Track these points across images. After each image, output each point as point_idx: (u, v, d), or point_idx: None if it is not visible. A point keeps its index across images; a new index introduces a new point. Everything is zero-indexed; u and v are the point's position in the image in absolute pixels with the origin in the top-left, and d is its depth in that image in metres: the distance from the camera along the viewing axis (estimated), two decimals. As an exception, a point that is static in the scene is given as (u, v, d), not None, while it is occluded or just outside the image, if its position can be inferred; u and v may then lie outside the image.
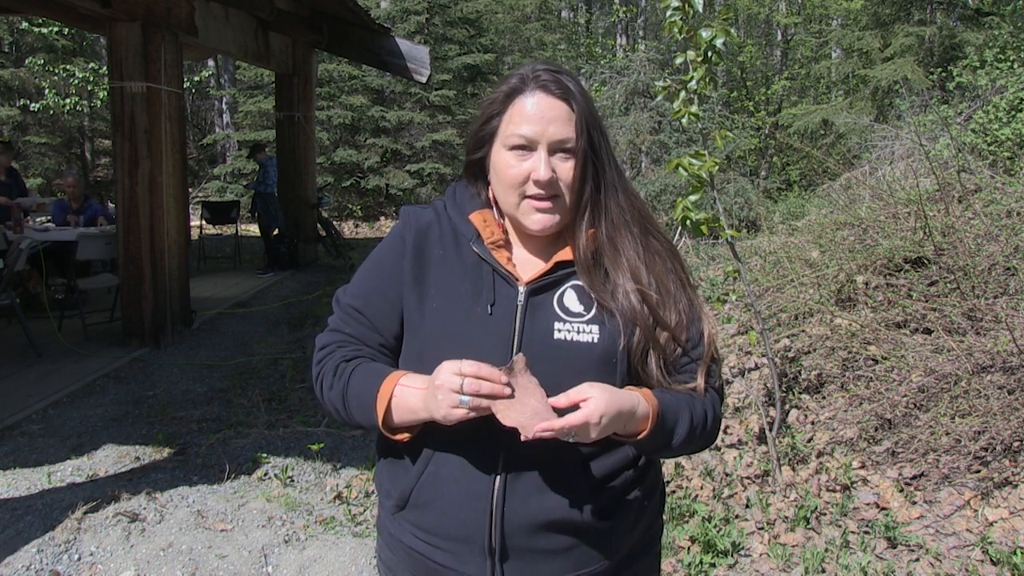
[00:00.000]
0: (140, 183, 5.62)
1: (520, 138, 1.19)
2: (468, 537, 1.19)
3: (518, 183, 1.20)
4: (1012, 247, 3.82)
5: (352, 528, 3.28)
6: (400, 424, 1.19)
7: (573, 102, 1.20)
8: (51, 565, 2.92)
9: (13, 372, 5.12)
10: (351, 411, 1.23)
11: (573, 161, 1.20)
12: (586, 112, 1.21)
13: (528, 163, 1.19)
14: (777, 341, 4.49)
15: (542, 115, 1.19)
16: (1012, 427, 3.02)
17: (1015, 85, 6.04)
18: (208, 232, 11.03)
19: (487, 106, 1.25)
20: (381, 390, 1.18)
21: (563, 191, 1.21)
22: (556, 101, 1.19)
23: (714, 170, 3.25)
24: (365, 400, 1.20)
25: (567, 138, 1.19)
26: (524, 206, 1.22)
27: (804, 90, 15.27)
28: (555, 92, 1.20)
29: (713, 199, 3.51)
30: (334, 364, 1.26)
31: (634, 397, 1.14)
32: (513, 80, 1.23)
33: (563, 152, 1.20)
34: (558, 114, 1.19)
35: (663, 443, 1.19)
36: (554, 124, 1.19)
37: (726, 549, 2.94)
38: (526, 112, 1.19)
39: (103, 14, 5.48)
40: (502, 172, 1.22)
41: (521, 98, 1.20)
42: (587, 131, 1.21)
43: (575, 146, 1.20)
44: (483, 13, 17.44)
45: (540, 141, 1.19)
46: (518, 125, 1.19)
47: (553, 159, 1.20)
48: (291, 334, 6.55)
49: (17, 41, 16.49)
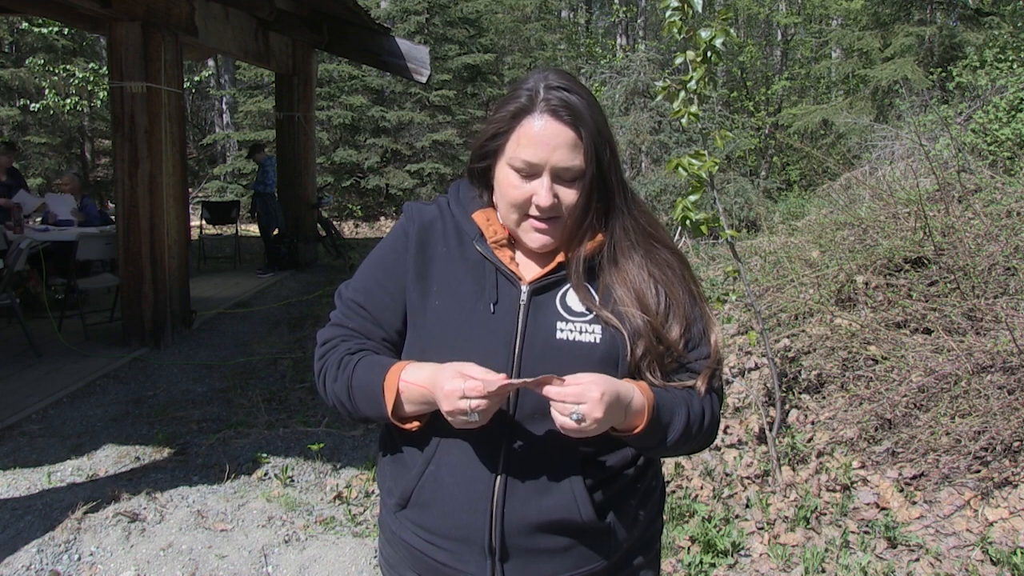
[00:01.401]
0: (140, 183, 5.62)
1: (524, 163, 1.17)
2: (468, 537, 1.20)
3: (519, 204, 1.20)
4: (1012, 247, 3.82)
5: (352, 528, 3.28)
6: (412, 412, 1.19)
7: (582, 128, 1.16)
8: (51, 565, 2.92)
9: (13, 372, 5.12)
10: (356, 403, 1.22)
11: (576, 187, 1.19)
12: (595, 135, 1.18)
13: (531, 186, 1.18)
14: (777, 341, 4.49)
15: (548, 141, 1.16)
16: (1012, 427, 3.02)
17: (1015, 85, 6.04)
18: (208, 232, 11.03)
19: (494, 122, 1.22)
20: (387, 380, 1.18)
21: (564, 214, 1.20)
22: (563, 128, 1.16)
23: (714, 170, 3.25)
24: (372, 391, 1.19)
25: (572, 166, 1.17)
26: (524, 226, 1.21)
27: (804, 90, 15.26)
28: (564, 118, 1.16)
29: (713, 199, 3.51)
30: (337, 358, 1.26)
31: (631, 387, 1.14)
32: (522, 98, 1.18)
33: (567, 179, 1.18)
34: (564, 140, 1.16)
35: (660, 439, 1.19)
36: (559, 151, 1.16)
37: (726, 549, 2.94)
38: (532, 135, 1.16)
39: (103, 14, 5.48)
40: (505, 190, 1.21)
41: (529, 119, 1.17)
42: (596, 157, 1.18)
43: (580, 174, 1.18)
44: (483, 13, 17.44)
45: (544, 167, 1.17)
46: (523, 148, 1.17)
47: (557, 185, 1.18)
48: (291, 334, 6.55)
49: (17, 41, 16.47)
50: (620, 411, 1.11)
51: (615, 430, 1.15)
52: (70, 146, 17.58)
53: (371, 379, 1.20)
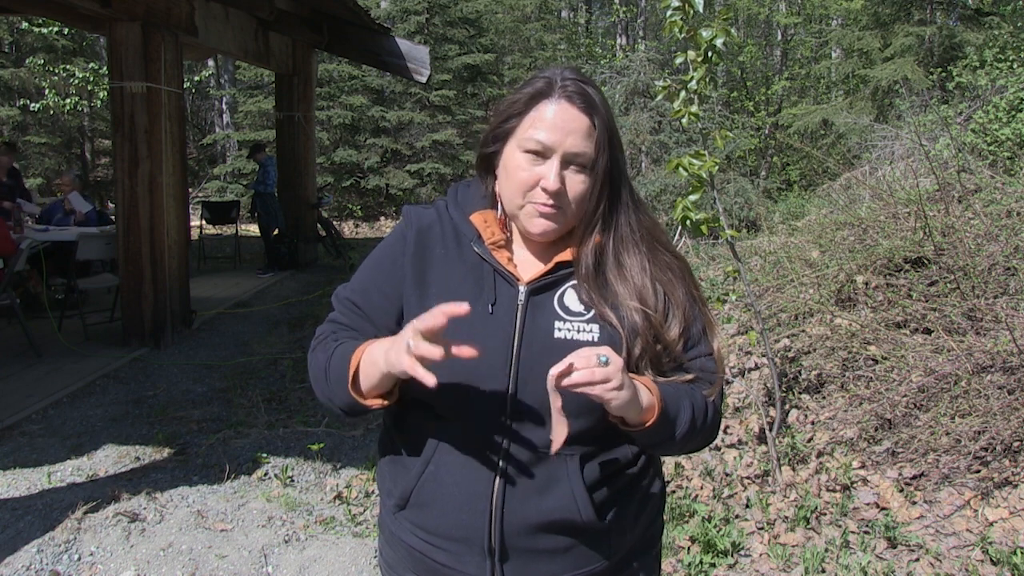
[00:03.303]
0: (140, 183, 5.62)
1: (536, 143, 1.18)
2: (468, 537, 1.20)
3: (526, 187, 1.20)
4: (1012, 247, 3.82)
5: (352, 528, 3.28)
6: (367, 385, 1.16)
7: (596, 117, 1.18)
8: (51, 565, 2.92)
9: (13, 372, 5.12)
10: (331, 384, 1.21)
11: (585, 176, 1.19)
12: (608, 127, 1.20)
13: (539, 169, 1.18)
14: (777, 341, 4.49)
15: (563, 125, 1.17)
16: (1012, 427, 3.02)
17: (1015, 85, 6.03)
18: (208, 232, 11.03)
19: (509, 104, 1.23)
20: (355, 354, 1.18)
21: (569, 203, 1.20)
22: (579, 114, 1.18)
23: (714, 170, 3.25)
24: (341, 368, 1.19)
25: (583, 152, 1.18)
26: (528, 209, 1.21)
27: (804, 90, 15.25)
28: (579, 105, 1.17)
29: (713, 199, 3.51)
30: (324, 346, 1.27)
31: (638, 382, 1.14)
32: (539, 83, 1.20)
33: (576, 166, 1.19)
34: (578, 127, 1.17)
35: (669, 432, 1.18)
36: (572, 136, 1.17)
37: (726, 549, 2.94)
38: (547, 119, 1.18)
39: (103, 14, 5.48)
40: (512, 172, 1.21)
41: (545, 103, 1.19)
42: (608, 149, 1.20)
43: (591, 162, 1.19)
44: (483, 13, 17.44)
45: (556, 150, 1.17)
46: (537, 130, 1.18)
47: (565, 171, 1.19)
48: (291, 334, 6.55)
49: (17, 41, 16.47)
50: (636, 401, 1.10)
51: (627, 425, 1.15)
52: (70, 146, 17.59)
53: (343, 357, 1.20)
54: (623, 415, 1.11)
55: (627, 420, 1.13)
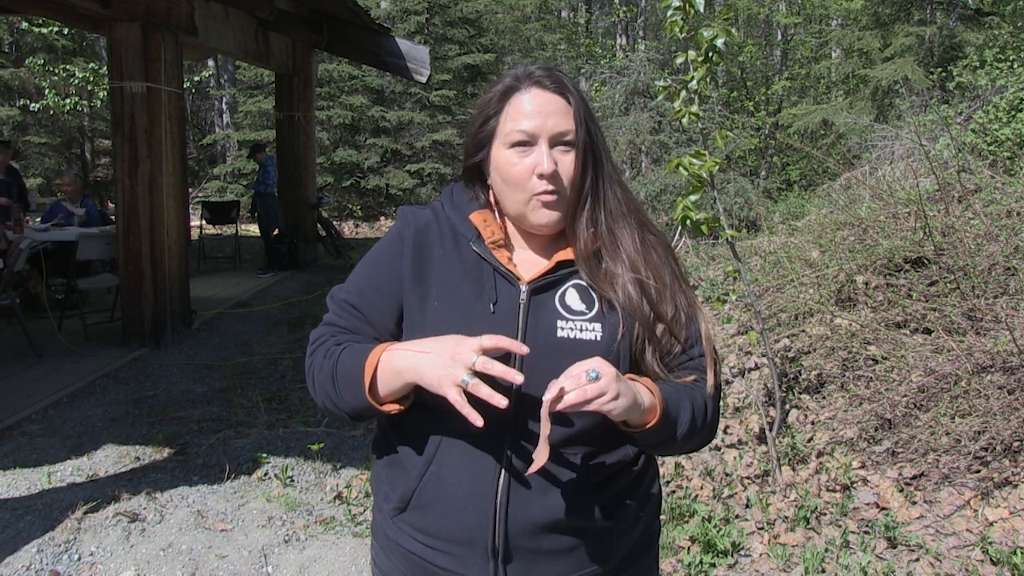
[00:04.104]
0: (140, 183, 5.62)
1: (521, 133, 1.19)
2: (471, 539, 1.19)
3: (524, 180, 1.20)
4: (1012, 247, 3.82)
5: (352, 528, 3.28)
6: (385, 392, 1.16)
7: (569, 95, 1.22)
8: (51, 565, 2.92)
9: (13, 372, 5.12)
10: (340, 390, 1.20)
11: (573, 153, 1.21)
12: (581, 102, 1.23)
13: (530, 158, 1.20)
14: (777, 341, 4.49)
15: (540, 109, 1.20)
16: (1012, 427, 3.02)
17: (1015, 85, 6.03)
18: (208, 232, 11.03)
19: (482, 107, 1.25)
20: (369, 358, 1.16)
21: (565, 185, 1.21)
22: (552, 95, 1.21)
23: (714, 170, 3.25)
24: (353, 372, 1.17)
25: (567, 130, 1.20)
26: (533, 202, 1.21)
27: (804, 90, 15.24)
28: (550, 87, 1.21)
29: (713, 199, 3.51)
30: (325, 349, 1.25)
31: (637, 385, 1.14)
32: (507, 80, 1.24)
33: (563, 145, 1.21)
34: (556, 107, 1.20)
35: (671, 433, 1.18)
36: (553, 117, 1.20)
37: (726, 549, 2.94)
38: (524, 108, 1.20)
39: (103, 14, 5.48)
40: (505, 171, 1.22)
41: (517, 95, 1.21)
42: (585, 123, 1.22)
43: (575, 138, 1.21)
44: (483, 13, 17.43)
45: (541, 135, 1.19)
46: (518, 121, 1.20)
47: (554, 152, 1.20)
48: (291, 334, 6.55)
49: (17, 41, 16.47)
50: (636, 404, 1.10)
51: (628, 427, 1.15)
52: (70, 146, 17.59)
53: (354, 361, 1.19)
54: (625, 419, 1.11)
55: (629, 422, 1.13)
